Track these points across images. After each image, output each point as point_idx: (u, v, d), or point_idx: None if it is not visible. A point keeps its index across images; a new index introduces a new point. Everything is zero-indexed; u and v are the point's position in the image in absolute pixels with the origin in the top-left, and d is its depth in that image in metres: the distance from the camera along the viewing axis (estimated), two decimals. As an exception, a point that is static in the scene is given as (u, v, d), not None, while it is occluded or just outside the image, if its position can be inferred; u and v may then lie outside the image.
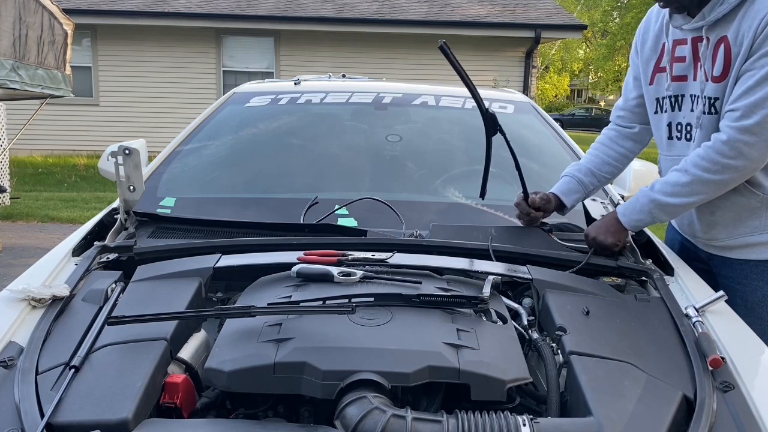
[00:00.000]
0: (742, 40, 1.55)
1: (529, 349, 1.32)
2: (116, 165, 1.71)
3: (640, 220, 1.71)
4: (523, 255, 1.64)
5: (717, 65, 1.62)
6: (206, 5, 12.44)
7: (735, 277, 1.77)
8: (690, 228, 1.88)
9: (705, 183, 1.61)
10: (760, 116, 1.52)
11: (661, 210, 1.68)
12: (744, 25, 1.55)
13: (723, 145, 1.57)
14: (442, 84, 3.28)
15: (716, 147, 1.58)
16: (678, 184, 1.64)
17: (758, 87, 1.52)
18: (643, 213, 1.69)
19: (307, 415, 1.15)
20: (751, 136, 1.54)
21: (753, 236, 1.72)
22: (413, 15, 12.70)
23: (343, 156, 2.46)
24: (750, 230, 1.72)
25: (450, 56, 1.59)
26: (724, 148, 1.57)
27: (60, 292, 1.40)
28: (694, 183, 1.62)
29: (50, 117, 11.26)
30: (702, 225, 1.81)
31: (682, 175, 1.64)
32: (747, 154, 1.56)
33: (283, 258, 1.51)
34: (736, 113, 1.56)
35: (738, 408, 1.11)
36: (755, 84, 1.53)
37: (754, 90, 1.53)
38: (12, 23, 5.69)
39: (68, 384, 1.08)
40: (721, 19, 1.60)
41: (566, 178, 1.97)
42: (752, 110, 1.53)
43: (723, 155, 1.57)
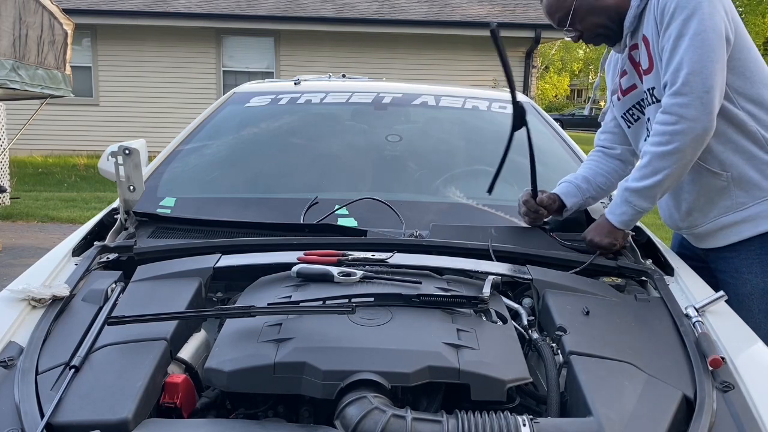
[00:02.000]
0: (652, 29, 1.70)
1: (529, 349, 1.32)
2: (116, 165, 1.71)
3: (624, 213, 1.73)
4: (523, 255, 1.64)
5: (643, 60, 1.76)
6: (206, 5, 12.44)
7: (728, 271, 1.81)
8: (671, 220, 1.92)
9: (662, 157, 1.65)
10: (683, 76, 1.60)
11: (637, 196, 1.71)
12: (650, 17, 1.70)
13: (662, 114, 1.64)
14: (442, 84, 3.28)
15: (660, 119, 1.66)
16: (641, 166, 1.70)
17: (672, 54, 1.63)
18: (624, 205, 1.73)
19: (307, 415, 1.15)
20: (683, 97, 1.61)
21: (728, 216, 1.76)
22: (413, 15, 12.71)
23: (343, 156, 2.46)
24: (724, 210, 1.76)
25: (498, 42, 1.71)
26: (665, 117, 1.64)
27: (60, 292, 1.40)
28: (653, 161, 1.66)
29: (50, 117, 11.26)
30: (679, 214, 1.86)
31: (643, 156, 1.71)
32: (685, 115, 1.61)
33: (283, 258, 1.51)
34: (668, 85, 1.65)
35: (738, 408, 1.11)
36: (669, 55, 1.64)
37: (671, 58, 1.63)
38: (12, 23, 5.69)
39: (68, 384, 1.08)
40: (637, 23, 1.76)
41: (565, 184, 2.01)
42: (676, 75, 1.62)
43: (665, 124, 1.64)
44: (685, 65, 1.60)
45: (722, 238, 1.79)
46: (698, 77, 1.59)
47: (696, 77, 1.59)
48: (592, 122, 27.34)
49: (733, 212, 1.75)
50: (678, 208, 1.85)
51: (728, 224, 1.76)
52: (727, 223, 1.76)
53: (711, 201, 1.77)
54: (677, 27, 1.62)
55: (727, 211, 1.75)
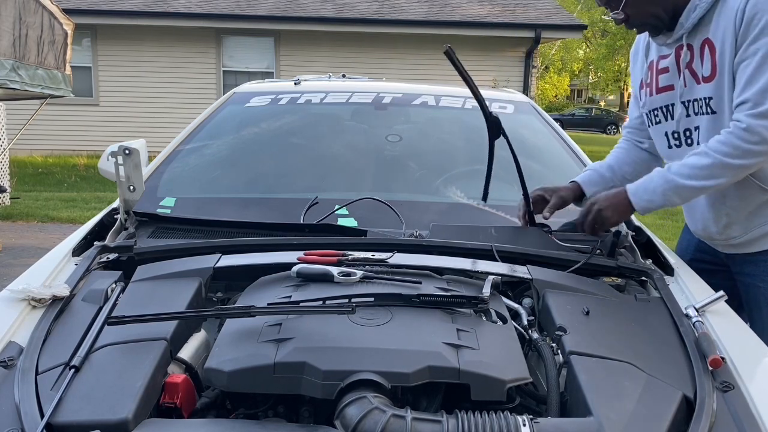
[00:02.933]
0: (724, 36, 1.59)
1: (529, 349, 1.32)
2: (116, 165, 1.71)
3: (652, 201, 1.68)
4: (523, 255, 1.64)
5: (705, 66, 1.65)
6: (206, 5, 12.44)
7: (759, 274, 1.77)
8: (705, 231, 1.87)
9: (725, 167, 1.60)
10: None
11: (676, 192, 1.65)
12: (722, 23, 1.59)
13: (744, 132, 1.56)
14: (442, 84, 3.28)
15: (738, 134, 1.57)
16: (697, 166, 1.62)
17: (758, 73, 1.54)
18: (656, 194, 1.67)
19: (307, 415, 1.14)
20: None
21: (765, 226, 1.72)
22: (413, 15, 12.71)
23: (343, 156, 2.46)
24: (764, 220, 1.72)
25: (455, 61, 1.63)
26: (746, 135, 1.56)
27: (60, 292, 1.40)
28: (714, 166, 1.60)
29: (50, 117, 11.26)
30: (717, 227, 1.80)
31: (702, 157, 1.62)
32: None
33: (283, 258, 1.51)
34: (749, 103, 1.56)
35: (738, 408, 1.11)
36: (755, 71, 1.55)
37: (756, 77, 1.55)
38: (12, 23, 5.69)
39: (68, 384, 1.07)
40: (698, 24, 1.64)
41: (589, 171, 1.99)
42: (763, 96, 1.54)
43: (745, 141, 1.56)
44: None
45: (756, 245, 1.75)
46: None
47: None
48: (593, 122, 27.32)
49: None
50: (717, 222, 1.80)
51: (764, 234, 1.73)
52: (764, 233, 1.73)
53: (753, 214, 1.73)
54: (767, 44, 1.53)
55: (764, 223, 1.72)
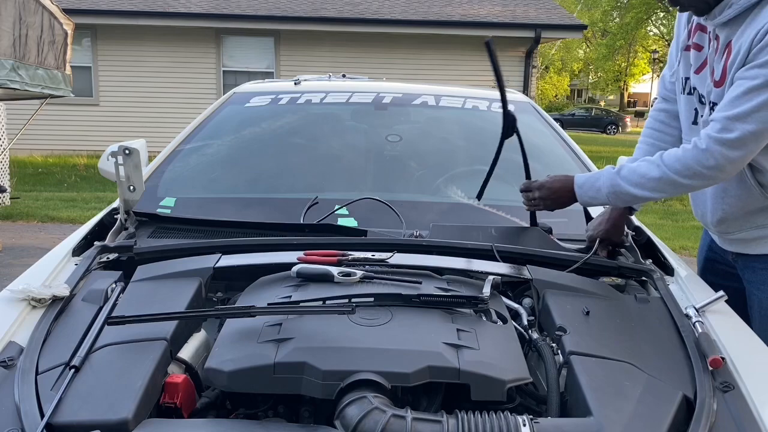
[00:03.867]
0: (741, 47, 1.52)
1: (529, 349, 1.32)
2: (116, 165, 1.71)
3: (594, 199, 1.69)
4: (523, 255, 1.64)
5: (718, 70, 1.60)
6: (206, 5, 12.44)
7: (756, 282, 1.76)
8: (703, 219, 1.86)
9: (673, 184, 1.58)
10: (741, 131, 1.47)
11: (618, 197, 1.65)
12: (746, 33, 1.51)
13: (701, 153, 1.52)
14: (442, 84, 3.28)
15: (695, 154, 1.53)
16: (646, 176, 1.60)
17: (743, 98, 1.47)
18: (600, 193, 1.67)
19: (307, 415, 1.14)
20: (730, 150, 1.50)
21: (763, 230, 1.71)
22: (413, 15, 12.70)
23: (344, 156, 2.47)
24: (762, 222, 1.71)
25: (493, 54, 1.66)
26: (702, 157, 1.52)
27: (60, 292, 1.40)
28: (662, 180, 1.58)
29: (50, 117, 11.25)
30: (712, 218, 1.79)
31: (654, 168, 1.60)
32: (723, 167, 1.52)
33: (283, 258, 1.51)
34: (718, 125, 1.51)
35: (738, 408, 1.11)
36: (741, 95, 1.48)
37: (740, 101, 1.48)
38: (12, 23, 5.69)
39: (68, 384, 1.07)
40: (729, 22, 1.56)
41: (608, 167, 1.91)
42: (733, 123, 1.48)
43: (699, 163, 1.53)
44: (752, 121, 1.46)
45: (754, 247, 1.74)
46: (757, 140, 1.49)
47: (755, 140, 1.49)
48: (593, 122, 27.30)
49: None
50: (713, 213, 1.78)
51: (763, 236, 1.71)
52: (762, 235, 1.71)
53: (749, 214, 1.71)
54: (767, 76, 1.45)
55: (763, 226, 1.70)
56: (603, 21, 32.21)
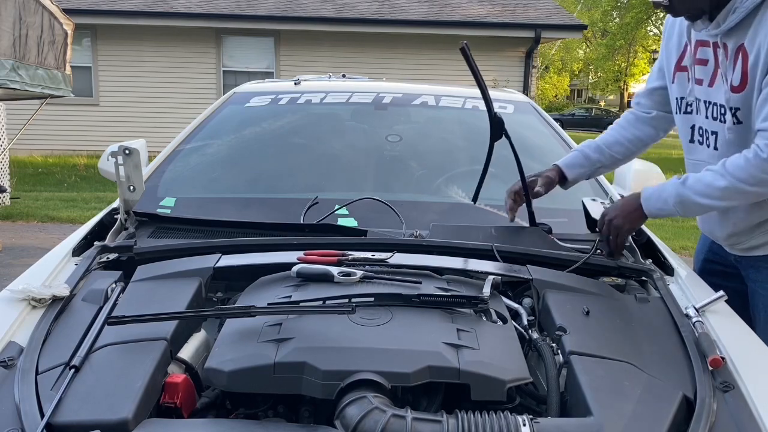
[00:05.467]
0: (759, 49, 1.51)
1: (529, 349, 1.32)
2: (116, 165, 1.71)
3: (662, 210, 1.68)
4: (523, 255, 1.63)
5: (735, 74, 1.59)
6: (206, 5, 12.44)
7: (761, 280, 1.76)
8: (711, 234, 1.88)
9: (740, 192, 1.58)
10: None
11: (685, 206, 1.64)
12: (760, 33, 1.51)
13: (765, 162, 1.52)
14: (442, 84, 3.28)
15: (757, 162, 1.53)
16: (712, 186, 1.60)
17: None
18: (667, 204, 1.66)
19: (307, 415, 1.14)
20: None
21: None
22: (413, 15, 12.70)
23: (344, 156, 2.46)
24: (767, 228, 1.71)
25: (469, 58, 1.64)
26: (766, 165, 1.52)
27: (60, 292, 1.40)
28: (729, 189, 1.58)
29: (50, 117, 11.25)
30: (722, 233, 1.81)
31: (719, 178, 1.59)
32: None
33: (283, 258, 1.51)
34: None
35: (738, 408, 1.11)
36: None
37: None
38: (12, 23, 5.69)
39: (68, 384, 1.08)
40: (736, 27, 1.56)
41: (574, 152, 1.98)
42: None
43: (764, 170, 1.52)
44: None
45: (761, 249, 1.75)
46: None
47: None
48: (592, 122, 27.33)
49: None
50: (722, 228, 1.80)
51: None
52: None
53: (759, 224, 1.72)
54: None
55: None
56: (603, 21, 32.20)
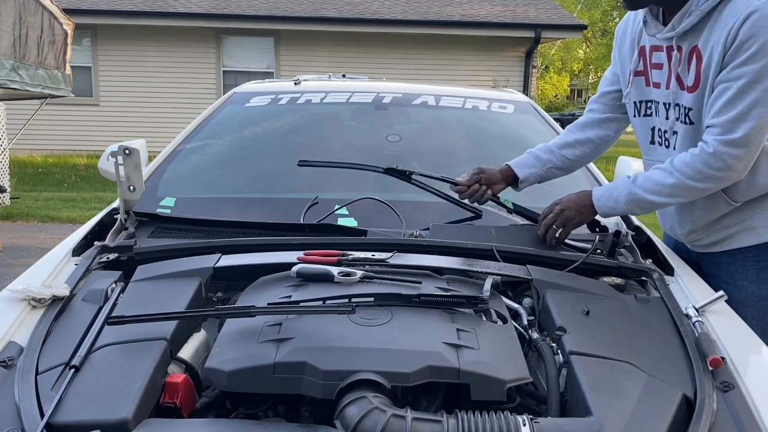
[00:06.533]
0: (713, 50, 1.55)
1: (529, 349, 1.32)
2: (116, 165, 1.71)
3: (613, 209, 1.73)
4: (523, 255, 1.63)
5: (690, 75, 1.63)
6: (206, 5, 12.44)
7: (721, 276, 1.79)
8: (672, 231, 1.91)
9: (687, 188, 1.62)
10: (744, 130, 1.52)
11: (637, 204, 1.69)
12: (714, 36, 1.55)
13: (710, 157, 1.57)
14: (442, 84, 3.28)
15: (703, 158, 1.58)
16: (661, 183, 1.65)
17: (737, 99, 1.52)
18: (619, 203, 1.70)
19: (307, 415, 1.14)
20: (737, 149, 1.54)
21: (729, 229, 1.75)
22: (413, 15, 12.70)
23: (343, 156, 2.46)
24: (728, 222, 1.74)
25: None
26: (711, 160, 1.57)
27: (60, 292, 1.40)
28: (677, 186, 1.63)
29: (50, 117, 11.26)
30: (681, 230, 1.85)
31: (667, 175, 1.64)
32: (733, 167, 1.57)
33: (283, 258, 1.51)
34: (719, 129, 1.55)
35: (738, 408, 1.11)
36: (733, 97, 1.52)
37: (734, 103, 1.52)
38: (12, 23, 5.69)
39: (68, 384, 1.08)
40: (691, 30, 1.60)
41: (525, 154, 2.00)
42: (735, 124, 1.53)
43: (709, 166, 1.57)
44: (751, 118, 1.51)
45: (722, 245, 1.78)
46: (760, 135, 1.53)
47: (758, 134, 1.53)
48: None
49: (736, 223, 1.73)
50: (682, 225, 1.83)
51: (731, 234, 1.74)
52: (731, 233, 1.75)
53: (717, 220, 1.74)
54: (754, 71, 1.49)
55: (732, 223, 1.73)
56: (603, 21, 32.19)
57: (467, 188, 1.91)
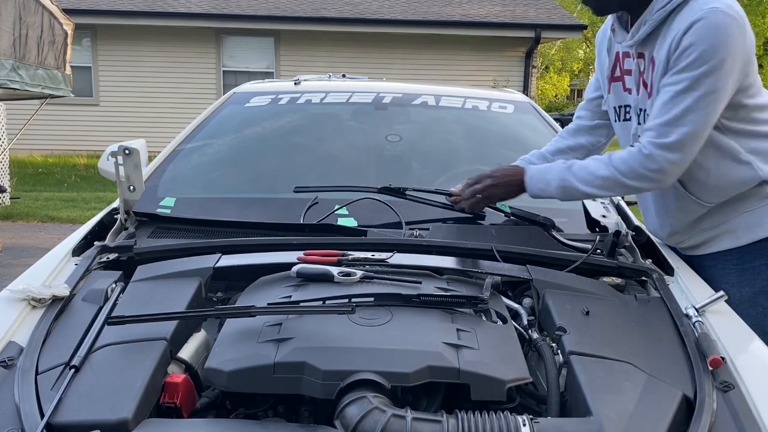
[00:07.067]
0: (661, 57, 1.59)
1: (529, 349, 1.32)
2: (116, 165, 1.71)
3: (543, 191, 1.75)
4: (523, 255, 1.63)
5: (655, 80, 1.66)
6: (206, 5, 12.44)
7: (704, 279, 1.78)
8: (656, 234, 1.92)
9: (620, 184, 1.65)
10: (678, 134, 1.55)
11: (566, 192, 1.71)
12: (665, 44, 1.58)
13: (645, 158, 1.59)
14: (442, 84, 3.28)
15: (639, 158, 1.60)
16: (595, 174, 1.67)
17: (672, 104, 1.55)
18: (550, 186, 1.73)
19: (307, 415, 1.14)
20: (671, 153, 1.57)
21: (708, 232, 1.76)
22: (413, 15, 12.71)
23: (343, 156, 2.46)
24: (707, 225, 1.75)
25: None
26: (646, 162, 1.59)
27: (60, 292, 1.40)
28: (609, 179, 1.64)
29: (50, 117, 11.26)
30: (663, 233, 1.86)
31: (603, 167, 1.66)
32: (666, 170, 1.59)
33: (283, 258, 1.51)
34: (654, 132, 1.58)
35: (738, 408, 1.11)
36: (669, 101, 1.55)
37: (669, 107, 1.55)
38: (12, 23, 5.70)
39: (68, 384, 1.07)
40: (648, 38, 1.63)
41: (518, 161, 2.02)
42: (669, 128, 1.55)
43: (644, 167, 1.59)
44: (686, 123, 1.54)
45: (704, 247, 1.79)
46: (694, 141, 1.56)
47: (693, 140, 1.56)
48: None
49: (716, 226, 1.74)
50: (662, 229, 1.85)
51: (711, 237, 1.76)
52: (711, 236, 1.76)
53: (694, 223, 1.76)
54: (691, 79, 1.52)
55: (711, 226, 1.75)
56: (603, 21, 32.10)
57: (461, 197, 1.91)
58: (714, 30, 1.49)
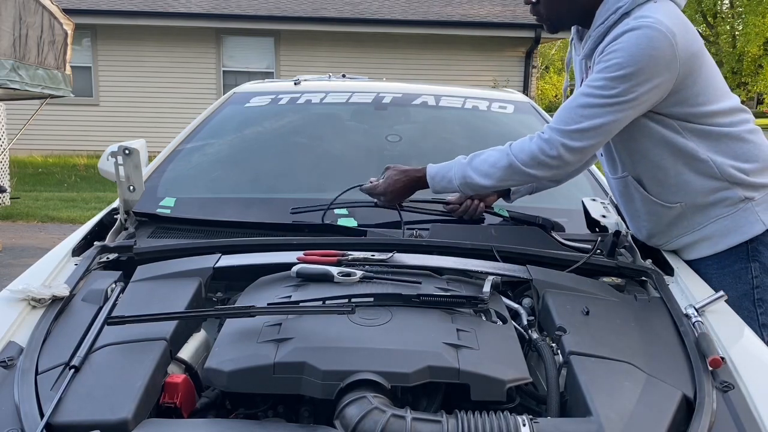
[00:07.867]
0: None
1: (529, 349, 1.32)
2: (116, 165, 1.71)
3: (446, 189, 1.78)
4: (523, 255, 1.64)
5: None
6: (206, 5, 12.44)
7: None
8: (638, 235, 1.91)
9: (519, 172, 1.66)
10: (578, 125, 1.58)
11: (469, 187, 1.74)
12: None
13: (544, 143, 1.62)
14: (442, 84, 3.28)
15: (538, 143, 1.63)
16: (495, 166, 1.68)
17: (582, 98, 1.59)
18: (452, 184, 1.75)
19: (307, 415, 1.14)
20: (571, 141, 1.59)
21: (687, 236, 1.75)
22: (413, 15, 12.70)
23: (344, 156, 2.46)
24: (683, 230, 1.75)
25: None
26: (545, 147, 1.62)
27: (60, 292, 1.40)
28: (509, 168, 1.66)
29: (50, 117, 11.25)
30: (641, 236, 1.85)
31: (503, 157, 1.68)
32: (564, 157, 1.61)
33: (283, 258, 1.51)
34: (557, 119, 1.62)
35: (738, 408, 1.11)
36: (579, 95, 1.60)
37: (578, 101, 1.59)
38: (12, 23, 5.70)
39: (68, 384, 1.07)
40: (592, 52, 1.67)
41: None
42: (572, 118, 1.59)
43: (543, 153, 1.62)
44: (590, 118, 1.57)
45: (685, 253, 1.79)
46: (595, 136, 1.59)
47: (593, 135, 1.58)
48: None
49: (691, 232, 1.74)
50: (639, 232, 1.85)
51: (689, 243, 1.76)
52: (688, 242, 1.76)
53: (670, 224, 1.76)
54: (604, 80, 1.55)
55: (686, 231, 1.74)
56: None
57: (459, 206, 1.92)
58: (637, 40, 1.51)
